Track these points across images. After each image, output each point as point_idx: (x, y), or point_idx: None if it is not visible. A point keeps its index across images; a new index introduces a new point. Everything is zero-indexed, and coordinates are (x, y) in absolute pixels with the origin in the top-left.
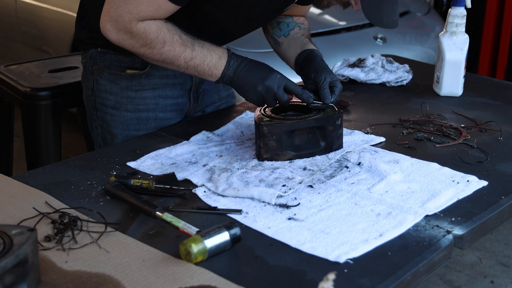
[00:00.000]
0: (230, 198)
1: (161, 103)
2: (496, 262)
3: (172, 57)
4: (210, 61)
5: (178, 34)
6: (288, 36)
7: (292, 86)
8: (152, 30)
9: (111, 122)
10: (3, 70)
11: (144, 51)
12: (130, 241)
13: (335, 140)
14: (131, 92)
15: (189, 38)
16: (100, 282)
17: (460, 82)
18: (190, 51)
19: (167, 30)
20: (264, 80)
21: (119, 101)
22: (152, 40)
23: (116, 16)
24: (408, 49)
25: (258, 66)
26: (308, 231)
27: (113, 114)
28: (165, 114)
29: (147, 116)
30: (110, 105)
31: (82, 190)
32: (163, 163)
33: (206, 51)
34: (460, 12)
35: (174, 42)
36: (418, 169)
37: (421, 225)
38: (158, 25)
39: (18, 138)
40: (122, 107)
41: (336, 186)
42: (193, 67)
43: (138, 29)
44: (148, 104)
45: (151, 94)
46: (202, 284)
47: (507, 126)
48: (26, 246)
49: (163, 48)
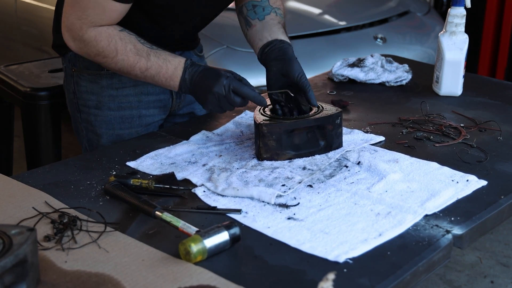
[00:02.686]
0: (230, 197)
1: (144, 100)
2: (496, 262)
3: (127, 67)
4: (166, 72)
5: (132, 43)
6: (262, 20)
7: (242, 89)
8: (102, 37)
9: (95, 123)
10: (3, 70)
11: (100, 60)
12: (130, 241)
13: (335, 139)
14: (112, 91)
15: (145, 47)
16: (99, 281)
17: (459, 82)
18: (145, 61)
19: (120, 39)
20: (212, 87)
21: (101, 100)
22: (103, 48)
23: (69, 24)
24: (408, 49)
25: (208, 74)
26: (307, 231)
27: (96, 114)
28: (149, 111)
29: (130, 114)
30: (92, 105)
31: (82, 190)
32: (162, 162)
33: (161, 62)
34: (459, 12)
35: (128, 52)
36: (418, 169)
37: (421, 225)
38: (110, 33)
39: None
40: (104, 106)
41: (336, 186)
42: (150, 77)
43: (89, 36)
44: (130, 101)
45: (133, 91)
46: (202, 283)
47: (506, 126)
48: (26, 246)
49: (116, 57)
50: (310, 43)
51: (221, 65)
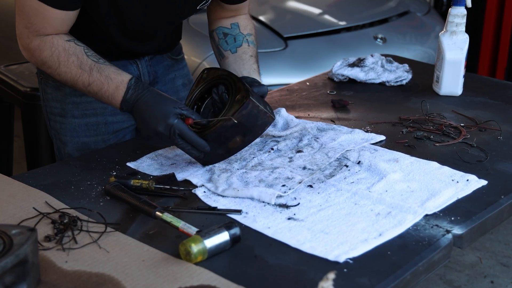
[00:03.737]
0: (230, 198)
1: (110, 106)
2: (496, 262)
3: (70, 80)
4: (107, 90)
5: (76, 55)
6: (235, 53)
7: (187, 135)
8: (46, 47)
9: (60, 131)
10: (3, 70)
11: (45, 69)
12: (130, 241)
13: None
14: (75, 98)
15: (89, 60)
16: (100, 282)
17: (459, 82)
18: (87, 76)
19: (63, 49)
20: (156, 127)
21: (64, 107)
22: (47, 58)
23: (19, 33)
24: (408, 49)
25: (154, 105)
26: (307, 231)
27: (61, 122)
28: (115, 117)
29: (96, 121)
30: (57, 113)
31: (82, 190)
32: (162, 163)
33: (104, 78)
34: (460, 12)
35: (70, 64)
36: (418, 168)
37: (421, 225)
38: (54, 43)
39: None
40: (68, 113)
41: (336, 186)
42: (93, 93)
43: (33, 45)
44: (95, 108)
45: None
46: (202, 284)
47: (506, 126)
48: (26, 246)
49: (59, 68)
50: (310, 43)
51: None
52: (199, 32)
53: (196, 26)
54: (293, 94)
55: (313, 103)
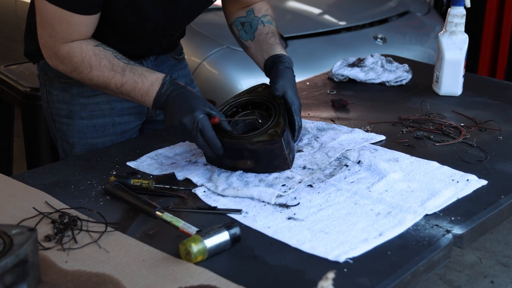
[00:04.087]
0: (230, 198)
1: (117, 107)
2: (496, 262)
3: (102, 83)
4: (141, 88)
5: (107, 58)
6: (254, 39)
7: (208, 133)
8: (76, 53)
9: (68, 132)
10: (3, 70)
11: (76, 76)
12: (130, 241)
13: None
14: (83, 99)
15: (121, 62)
16: (100, 281)
17: (459, 82)
18: (120, 77)
19: (94, 54)
20: (182, 117)
21: (71, 109)
22: (78, 64)
23: (44, 42)
24: (408, 49)
25: (185, 99)
26: (307, 231)
27: (68, 123)
28: (123, 118)
29: (103, 122)
30: (64, 114)
31: (82, 190)
32: (162, 162)
33: (137, 77)
34: (459, 12)
35: (102, 67)
36: (418, 168)
37: (421, 225)
38: (84, 48)
39: (18, 138)
40: (76, 115)
41: (336, 185)
42: (125, 93)
43: (62, 53)
44: (103, 109)
45: (105, 98)
46: (202, 283)
47: (506, 126)
48: (26, 246)
49: (91, 73)
50: (310, 43)
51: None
52: (199, 32)
53: (196, 26)
54: None
55: (313, 103)
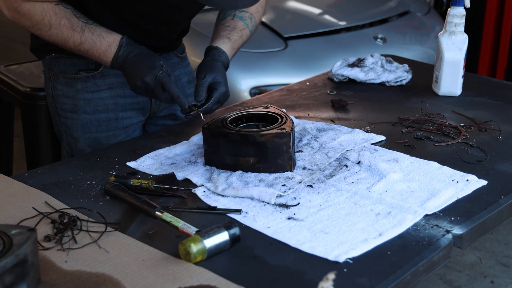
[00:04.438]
0: (230, 198)
1: (121, 102)
2: (496, 262)
3: (61, 40)
4: (99, 48)
5: (67, 17)
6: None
7: (169, 87)
8: (36, 12)
9: (72, 126)
10: (3, 70)
11: (34, 31)
12: (130, 241)
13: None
14: (87, 94)
15: (80, 22)
16: (99, 282)
17: (458, 82)
18: (79, 36)
19: (54, 13)
20: (143, 76)
21: (76, 104)
22: (37, 21)
23: None
24: (408, 49)
25: (143, 60)
26: (307, 231)
27: (73, 118)
28: (126, 113)
29: (107, 116)
30: (69, 109)
31: (82, 190)
32: (162, 163)
33: (96, 37)
34: (459, 12)
35: (62, 26)
36: (418, 168)
37: (421, 225)
38: (44, 8)
39: (18, 138)
40: (80, 109)
41: (336, 186)
42: (84, 51)
43: (23, 9)
44: (106, 104)
45: (109, 94)
46: (202, 283)
47: (506, 126)
48: (26, 246)
49: (50, 31)
50: (310, 43)
51: None
52: (200, 33)
53: (196, 26)
54: (293, 94)
55: (313, 103)
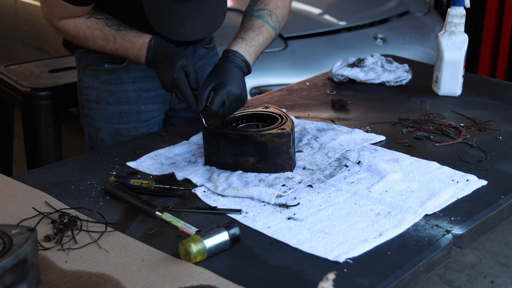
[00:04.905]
0: (230, 198)
1: (143, 96)
2: (496, 262)
3: (99, 49)
4: (132, 53)
5: (99, 28)
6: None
7: (182, 88)
8: (70, 28)
9: (95, 117)
10: (3, 70)
11: (76, 43)
12: (130, 241)
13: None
14: (111, 86)
15: (112, 30)
16: (99, 282)
17: (458, 82)
18: (113, 44)
19: (86, 27)
20: (162, 76)
21: (100, 95)
22: (74, 36)
23: (44, 15)
24: (408, 49)
25: (165, 60)
26: (307, 231)
27: (96, 108)
28: (147, 106)
29: (129, 109)
30: (93, 100)
31: (82, 190)
32: (162, 163)
33: (127, 43)
34: (459, 12)
35: (96, 38)
36: (418, 168)
37: (421, 225)
38: (77, 23)
39: (18, 138)
40: (103, 100)
41: (336, 186)
42: (122, 56)
43: (59, 27)
44: (129, 97)
45: (132, 87)
46: (202, 283)
47: (506, 126)
48: (26, 246)
49: (87, 42)
50: (310, 43)
51: None
52: None
53: None
54: (293, 94)
55: (313, 103)
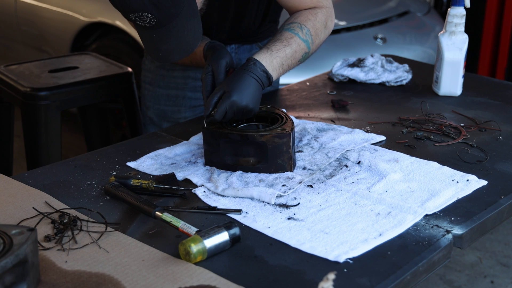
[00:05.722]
0: (230, 198)
1: (190, 84)
2: (496, 262)
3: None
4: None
5: None
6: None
7: (202, 90)
8: None
9: (147, 96)
10: (3, 70)
11: None
12: (130, 241)
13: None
14: (163, 71)
15: None
16: (99, 282)
17: (459, 82)
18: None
19: None
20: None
21: (153, 78)
22: None
23: None
24: (408, 49)
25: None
26: (307, 231)
27: (149, 89)
28: (194, 94)
29: (176, 93)
30: (148, 81)
31: (82, 190)
32: (162, 163)
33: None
34: (459, 12)
35: None
36: (418, 168)
37: (421, 225)
38: None
39: (18, 138)
40: (155, 83)
41: (336, 186)
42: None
43: None
44: (178, 83)
45: (181, 74)
46: (202, 283)
47: (506, 126)
48: (26, 246)
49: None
50: None
51: None
52: None
53: None
54: (293, 94)
55: (313, 103)
